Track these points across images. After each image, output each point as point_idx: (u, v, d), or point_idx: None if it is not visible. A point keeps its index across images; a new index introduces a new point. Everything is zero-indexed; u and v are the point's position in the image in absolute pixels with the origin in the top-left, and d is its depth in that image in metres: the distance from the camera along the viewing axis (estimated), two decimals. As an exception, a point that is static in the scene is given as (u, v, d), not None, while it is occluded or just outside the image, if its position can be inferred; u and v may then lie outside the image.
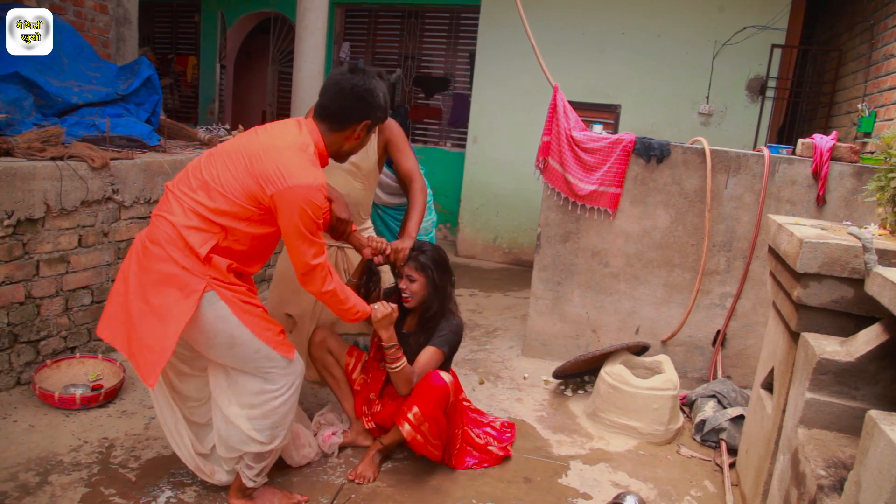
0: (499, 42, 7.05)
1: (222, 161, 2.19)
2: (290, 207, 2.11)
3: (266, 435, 2.31)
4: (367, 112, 2.31)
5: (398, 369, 2.60)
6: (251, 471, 2.37)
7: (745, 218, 3.80)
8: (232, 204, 2.13)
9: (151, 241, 2.16)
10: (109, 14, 5.48)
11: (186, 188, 2.18)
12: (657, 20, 6.50)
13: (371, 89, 2.30)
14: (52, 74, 4.03)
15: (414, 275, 2.72)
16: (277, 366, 2.27)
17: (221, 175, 2.16)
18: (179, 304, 2.08)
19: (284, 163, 2.12)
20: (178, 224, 2.12)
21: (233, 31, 8.93)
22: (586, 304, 4.14)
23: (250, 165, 2.13)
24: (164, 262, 2.11)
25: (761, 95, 6.25)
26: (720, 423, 3.24)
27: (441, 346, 2.75)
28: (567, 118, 3.96)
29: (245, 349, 2.20)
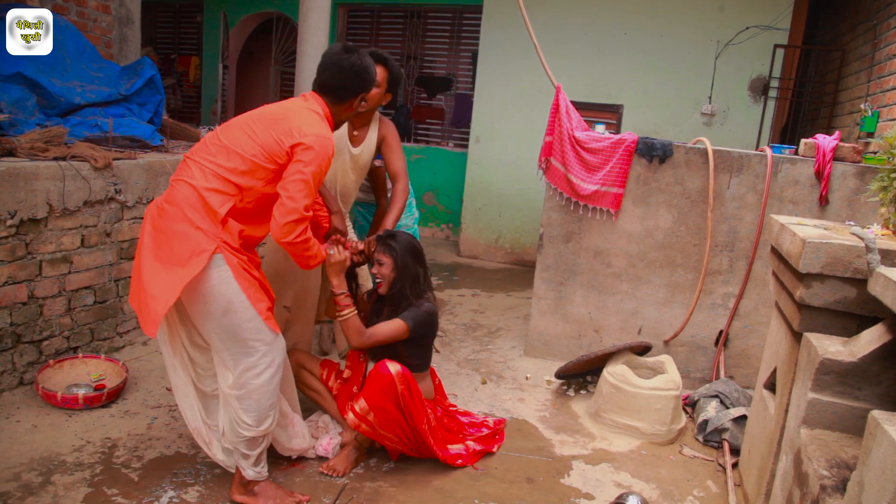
0: (501, 42, 7.04)
1: (239, 128, 2.36)
2: (312, 153, 2.26)
3: (253, 416, 2.35)
4: (364, 87, 2.56)
5: (347, 317, 2.66)
6: (247, 460, 2.42)
7: (748, 218, 3.79)
8: (250, 163, 2.27)
9: (169, 202, 2.27)
10: (112, 14, 5.48)
11: (206, 153, 2.33)
12: (659, 20, 6.50)
13: (367, 67, 2.55)
14: (55, 75, 4.04)
15: (382, 258, 2.79)
16: (264, 339, 2.32)
17: (240, 138, 2.31)
18: (190, 259, 2.18)
19: (304, 119, 2.34)
20: (199, 186, 2.25)
21: (235, 32, 8.94)
22: (589, 304, 4.13)
23: (269, 127, 2.31)
24: (179, 221, 2.22)
25: (764, 95, 6.24)
26: (723, 423, 3.24)
27: (405, 318, 2.76)
28: (569, 118, 3.96)
29: (238, 317, 2.26)
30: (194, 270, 2.15)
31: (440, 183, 8.10)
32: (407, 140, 8.39)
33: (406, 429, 2.72)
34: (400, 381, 2.63)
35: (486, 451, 3.03)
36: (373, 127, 3.23)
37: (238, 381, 2.33)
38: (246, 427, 2.36)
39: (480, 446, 3.01)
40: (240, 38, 9.16)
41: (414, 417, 2.70)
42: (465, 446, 2.97)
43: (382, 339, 2.73)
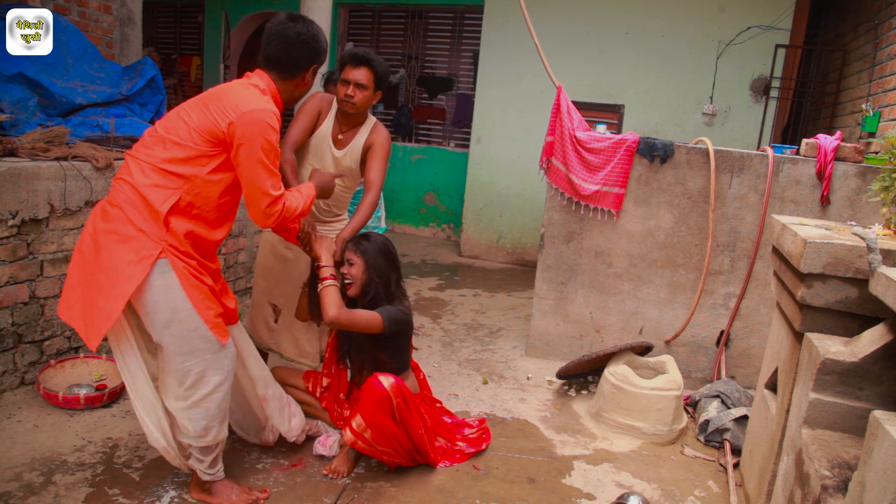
0: (502, 42, 7.04)
1: (175, 115, 2.23)
2: (247, 132, 2.12)
3: (199, 426, 2.28)
4: (315, 57, 2.39)
5: (327, 285, 2.59)
6: (201, 464, 2.37)
7: (749, 218, 3.79)
8: (188, 149, 2.14)
9: (111, 203, 2.16)
10: (113, 14, 5.49)
11: (142, 148, 2.20)
12: (660, 21, 6.50)
13: (315, 35, 2.37)
14: (56, 75, 4.04)
15: (353, 258, 2.73)
16: (211, 349, 2.24)
17: (176, 126, 2.18)
18: (131, 266, 2.07)
19: (240, 96, 2.18)
20: (138, 183, 2.12)
21: (236, 32, 8.94)
22: (590, 304, 4.13)
23: (205, 109, 2.17)
24: (121, 223, 2.11)
25: (765, 95, 6.24)
26: (724, 423, 3.24)
27: (380, 313, 2.67)
28: (571, 118, 3.96)
29: (183, 326, 2.17)
30: (138, 278, 2.06)
31: (441, 183, 8.10)
32: (408, 140, 8.39)
33: (404, 440, 2.70)
34: (395, 394, 2.60)
35: (478, 451, 3.02)
36: (362, 131, 3.06)
37: (185, 391, 2.25)
38: (194, 437, 2.30)
39: (472, 448, 3.00)
40: (241, 37, 9.15)
41: (410, 427, 2.69)
42: (457, 448, 2.97)
43: (356, 322, 2.62)
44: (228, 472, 2.57)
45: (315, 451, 2.86)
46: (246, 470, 2.72)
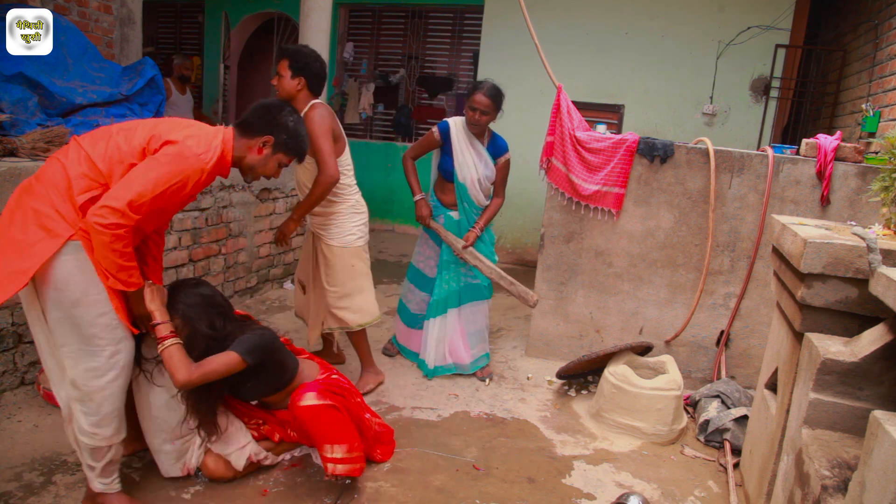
0: (502, 42, 7.04)
1: (135, 124, 2.25)
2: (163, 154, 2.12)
3: (93, 420, 2.18)
4: (271, 127, 2.39)
5: (168, 346, 2.27)
6: (92, 471, 2.26)
7: (749, 218, 3.79)
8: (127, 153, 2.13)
9: (37, 178, 2.14)
10: (113, 14, 5.48)
11: (89, 139, 2.20)
12: (660, 20, 6.50)
13: (281, 107, 2.45)
14: (56, 75, 4.04)
15: (175, 319, 2.38)
16: (114, 338, 2.16)
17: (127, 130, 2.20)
18: (42, 242, 2.04)
19: (189, 131, 2.21)
20: (69, 168, 2.11)
21: (236, 32, 8.93)
22: (590, 304, 4.13)
23: (153, 128, 2.20)
24: (40, 200, 2.08)
25: (765, 95, 6.24)
26: (724, 423, 3.24)
27: (236, 350, 2.39)
28: (571, 118, 3.96)
29: (90, 310, 2.10)
30: (47, 253, 2.02)
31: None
32: (408, 140, 8.39)
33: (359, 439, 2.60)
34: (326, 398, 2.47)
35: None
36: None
37: (78, 380, 2.15)
38: (85, 434, 2.19)
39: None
40: (241, 38, 9.15)
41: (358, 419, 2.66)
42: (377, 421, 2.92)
43: (213, 372, 2.33)
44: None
45: (319, 461, 2.79)
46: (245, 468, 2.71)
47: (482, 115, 3.56)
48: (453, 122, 3.72)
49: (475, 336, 3.91)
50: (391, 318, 4.89)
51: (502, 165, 3.78)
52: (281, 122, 2.41)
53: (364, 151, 8.39)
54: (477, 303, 3.91)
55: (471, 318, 3.90)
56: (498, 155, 3.76)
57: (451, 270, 3.84)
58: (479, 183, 3.74)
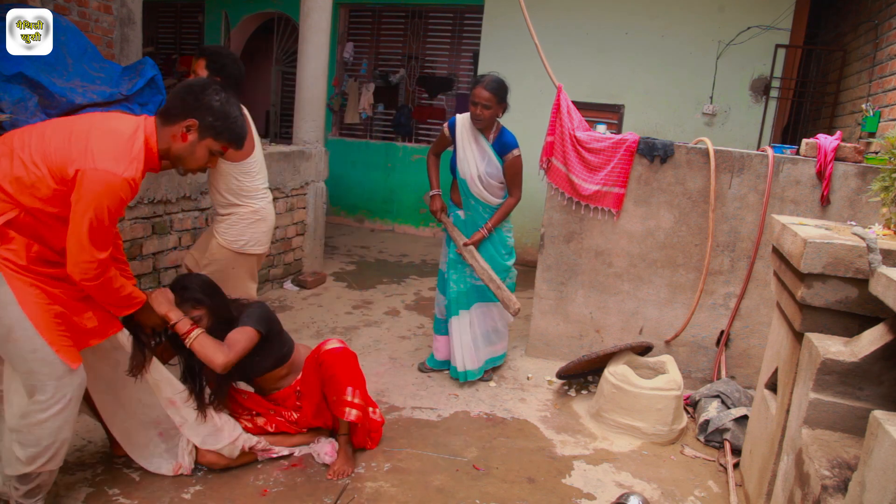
0: (502, 42, 7.04)
1: (40, 131, 2.02)
2: (87, 190, 1.92)
3: (30, 452, 2.06)
4: (194, 109, 2.14)
5: (197, 337, 2.38)
6: (17, 491, 2.14)
7: (749, 218, 3.79)
8: (34, 177, 1.94)
9: None
10: (113, 14, 5.48)
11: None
12: (660, 20, 6.50)
13: (205, 87, 2.18)
14: (56, 74, 4.03)
15: (195, 313, 2.52)
16: (53, 373, 2.02)
17: (34, 145, 1.98)
18: None
19: (100, 145, 1.98)
20: None
21: (236, 32, 8.94)
22: (590, 304, 4.13)
23: (66, 141, 1.98)
24: None
25: (765, 95, 6.24)
26: (724, 423, 3.24)
27: (250, 325, 2.56)
28: (571, 118, 3.96)
29: (20, 346, 1.97)
30: None
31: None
32: (408, 140, 8.38)
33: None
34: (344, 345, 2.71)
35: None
36: None
37: (22, 410, 2.05)
38: (16, 462, 2.07)
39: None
40: (241, 38, 9.15)
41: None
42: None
43: (243, 349, 2.49)
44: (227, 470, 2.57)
45: (321, 461, 2.82)
46: (245, 469, 2.72)
47: (484, 108, 3.46)
48: (461, 118, 3.66)
49: (483, 339, 3.80)
50: (391, 318, 4.89)
51: (511, 162, 3.61)
52: (204, 102, 2.15)
53: (364, 151, 8.39)
54: (483, 304, 3.79)
55: (478, 321, 3.79)
56: (504, 152, 3.61)
57: (457, 270, 3.74)
58: (481, 179, 3.64)
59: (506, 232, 3.80)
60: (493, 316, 3.83)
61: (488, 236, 3.68)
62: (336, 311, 4.96)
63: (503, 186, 3.69)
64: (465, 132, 3.64)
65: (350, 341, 4.31)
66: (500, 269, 3.73)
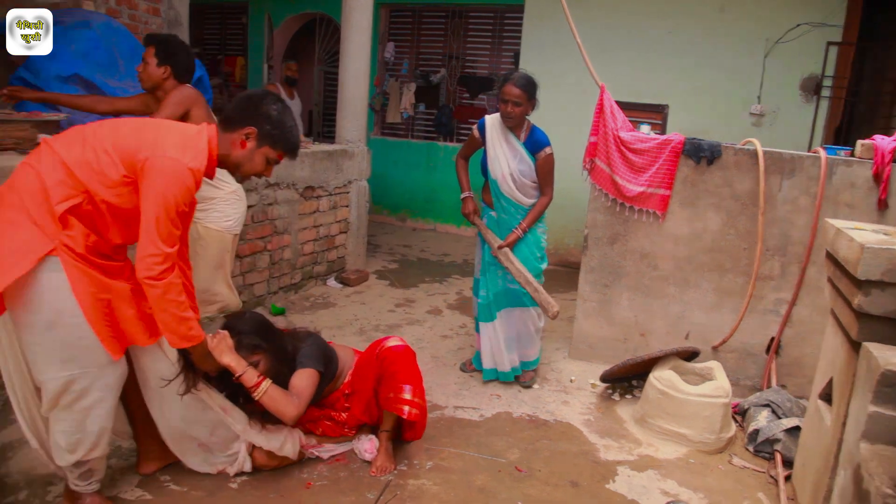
0: (543, 42, 6.99)
1: (112, 124, 2.13)
2: (155, 178, 2.01)
3: (71, 440, 2.09)
4: (255, 118, 2.24)
5: (265, 390, 2.39)
6: (72, 474, 2.19)
7: (801, 222, 3.69)
8: (104, 162, 2.01)
9: (9, 187, 2.01)
10: (161, 16, 5.60)
11: (63, 142, 2.07)
12: (706, 19, 6.37)
13: (262, 95, 2.30)
14: (109, 75, 4.14)
15: (253, 358, 2.50)
16: (95, 362, 2.06)
17: (106, 135, 2.06)
18: (14, 256, 1.90)
19: (168, 136, 2.10)
20: (44, 175, 1.98)
21: (279, 32, 9.05)
22: (635, 307, 4.07)
23: (137, 131, 2.08)
24: (15, 210, 1.96)
25: (816, 95, 6.07)
26: (775, 433, 3.15)
27: (309, 366, 2.58)
28: (614, 119, 3.91)
29: (67, 332, 1.98)
30: (18, 272, 1.88)
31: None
32: (449, 140, 8.39)
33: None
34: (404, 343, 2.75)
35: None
36: None
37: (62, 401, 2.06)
38: (62, 452, 2.10)
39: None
40: (284, 38, 9.27)
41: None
42: None
43: (310, 395, 2.53)
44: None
45: (362, 457, 2.84)
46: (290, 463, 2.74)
47: (514, 106, 3.39)
48: (490, 118, 3.61)
49: (513, 342, 3.71)
50: (433, 316, 4.90)
51: (543, 161, 3.54)
52: (263, 111, 2.25)
53: (405, 150, 8.42)
54: (515, 308, 3.68)
55: (509, 324, 3.70)
56: (536, 150, 3.53)
57: (491, 272, 3.68)
58: (513, 179, 3.54)
59: (540, 233, 3.71)
60: (526, 320, 3.72)
61: (523, 237, 3.60)
62: (379, 308, 4.98)
63: (536, 186, 3.61)
64: (495, 132, 3.56)
65: (391, 341, 4.33)
66: (536, 273, 3.64)
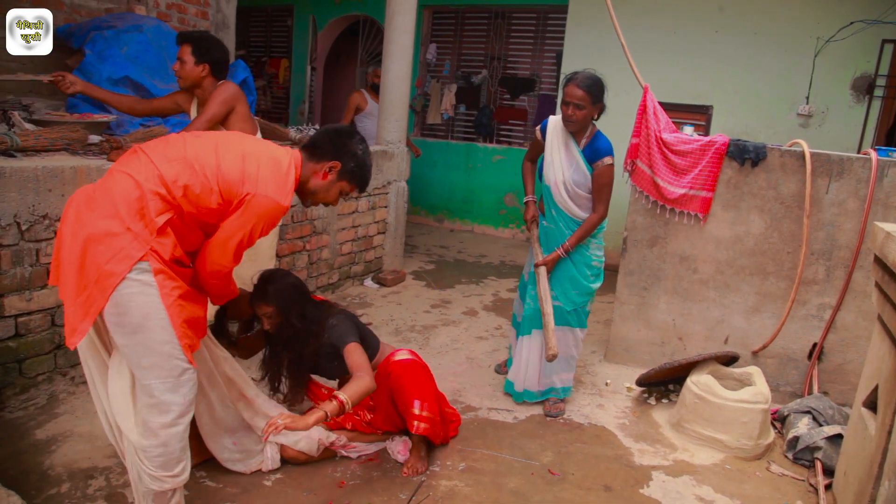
0: (585, 42, 6.94)
1: (211, 145, 2.15)
2: (252, 212, 2.09)
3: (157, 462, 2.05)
4: (340, 153, 2.32)
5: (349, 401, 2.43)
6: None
7: (848, 225, 3.59)
8: (204, 189, 2.06)
9: (103, 192, 2.00)
10: (209, 20, 5.74)
11: (162, 155, 2.08)
12: (753, 17, 6.23)
13: (351, 133, 2.39)
14: (158, 77, 4.27)
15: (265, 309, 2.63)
16: (175, 370, 2.03)
17: (205, 157, 2.09)
18: (111, 264, 1.92)
19: (267, 173, 2.13)
20: (144, 184, 1.99)
21: (323, 34, 9.17)
22: (673, 310, 4.01)
23: (241, 161, 2.11)
24: (108, 217, 1.95)
25: (868, 95, 5.88)
26: (815, 441, 3.07)
27: (349, 340, 2.65)
28: (657, 120, 3.86)
29: (152, 336, 1.97)
30: (114, 280, 1.90)
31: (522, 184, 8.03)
32: (489, 141, 8.38)
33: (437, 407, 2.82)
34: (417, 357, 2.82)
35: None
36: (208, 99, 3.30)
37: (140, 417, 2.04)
38: (150, 477, 2.06)
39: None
40: (327, 40, 9.39)
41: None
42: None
43: (367, 361, 2.62)
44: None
45: (395, 458, 2.86)
46: (324, 462, 2.79)
47: (576, 109, 3.14)
48: (553, 119, 3.38)
49: (547, 364, 3.42)
50: (469, 318, 4.91)
51: (600, 172, 3.26)
52: (350, 149, 2.34)
53: (445, 151, 8.44)
54: (556, 329, 3.30)
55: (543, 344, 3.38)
56: (595, 159, 3.26)
57: (533, 285, 3.43)
58: (566, 188, 3.30)
59: (592, 250, 3.42)
60: (570, 343, 3.45)
61: (568, 257, 3.34)
62: (415, 309, 5.01)
63: (591, 198, 3.35)
64: (555, 135, 3.33)
65: (427, 340, 4.35)
66: (584, 292, 3.39)
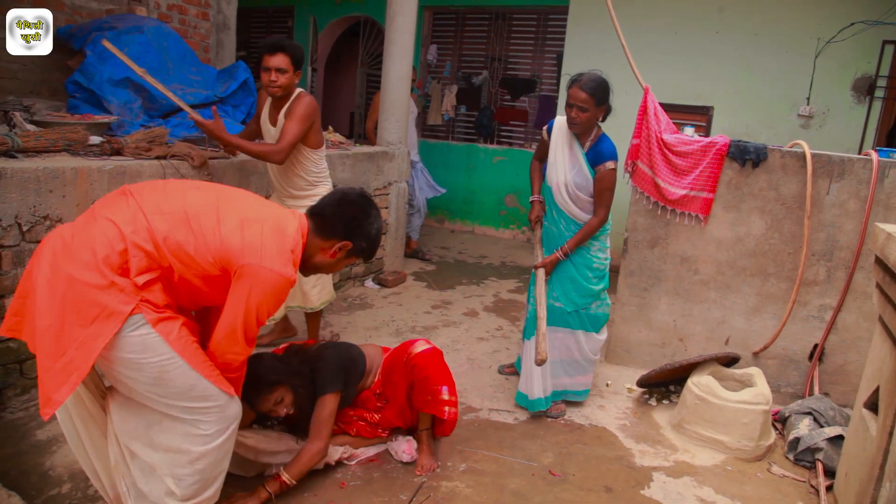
0: (586, 43, 6.95)
1: (211, 202, 1.99)
2: (252, 286, 1.91)
3: (190, 487, 1.99)
4: (352, 234, 2.19)
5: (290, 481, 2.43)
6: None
7: (849, 226, 3.58)
8: (197, 254, 1.90)
9: (82, 239, 1.82)
10: (210, 21, 5.75)
11: (154, 205, 1.92)
12: (754, 18, 6.24)
13: (367, 212, 2.24)
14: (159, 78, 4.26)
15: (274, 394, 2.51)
16: (216, 405, 1.97)
17: (206, 220, 1.93)
18: (97, 324, 1.74)
19: (271, 243, 1.97)
20: (128, 236, 1.82)
21: (324, 35, 9.18)
22: (674, 311, 4.01)
23: (242, 228, 1.95)
24: (88, 269, 1.77)
25: (869, 96, 5.88)
26: (816, 442, 3.07)
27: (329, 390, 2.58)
28: (658, 120, 3.86)
29: (176, 384, 1.87)
30: (104, 338, 1.73)
31: (522, 185, 8.05)
32: (489, 142, 8.39)
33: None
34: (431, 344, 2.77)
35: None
36: (287, 106, 3.37)
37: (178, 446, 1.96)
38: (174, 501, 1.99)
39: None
40: (328, 41, 9.40)
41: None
42: None
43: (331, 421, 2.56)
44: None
45: (399, 458, 2.84)
46: (326, 463, 2.78)
47: (580, 111, 3.13)
48: (559, 119, 3.37)
49: (558, 367, 3.38)
50: (470, 319, 4.91)
51: (601, 175, 3.24)
52: (365, 230, 2.22)
53: (445, 153, 8.45)
54: (556, 329, 3.33)
55: (554, 346, 3.33)
56: (598, 162, 3.23)
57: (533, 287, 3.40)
58: (567, 190, 3.28)
59: (594, 252, 3.40)
60: (571, 346, 3.39)
61: (567, 259, 3.33)
62: (415, 310, 5.01)
63: (590, 201, 3.33)
64: (560, 136, 3.32)
65: (428, 341, 4.35)
66: (586, 294, 3.35)
